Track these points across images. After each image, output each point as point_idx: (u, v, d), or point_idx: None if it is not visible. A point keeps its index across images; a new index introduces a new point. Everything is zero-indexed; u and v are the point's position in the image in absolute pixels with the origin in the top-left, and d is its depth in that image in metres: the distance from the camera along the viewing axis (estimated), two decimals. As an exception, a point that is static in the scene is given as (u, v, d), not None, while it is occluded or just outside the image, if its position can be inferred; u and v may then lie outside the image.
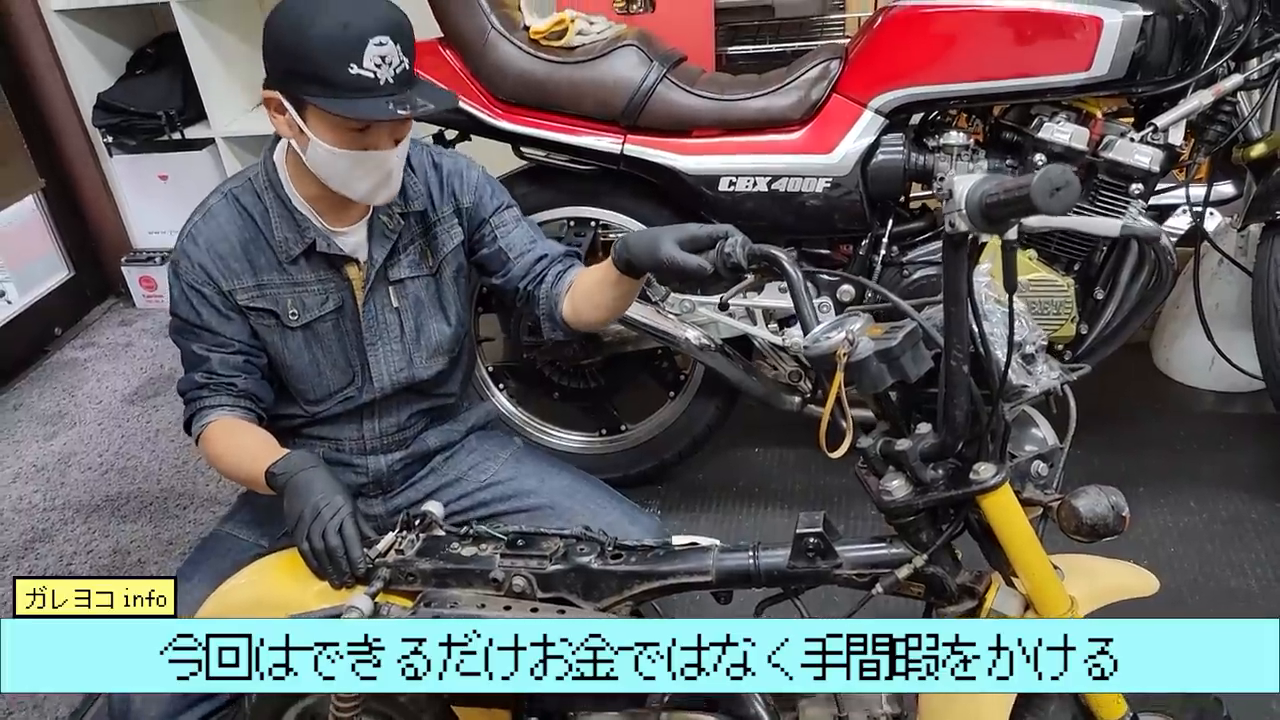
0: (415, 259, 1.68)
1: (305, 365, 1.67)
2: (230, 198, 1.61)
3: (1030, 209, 0.94)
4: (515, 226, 1.73)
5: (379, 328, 1.67)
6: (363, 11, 1.41)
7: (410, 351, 1.70)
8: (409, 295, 1.69)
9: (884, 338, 1.15)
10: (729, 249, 1.36)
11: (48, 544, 2.47)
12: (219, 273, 1.59)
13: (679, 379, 2.36)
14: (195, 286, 1.59)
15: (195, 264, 1.59)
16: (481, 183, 1.72)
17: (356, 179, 1.52)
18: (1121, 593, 1.31)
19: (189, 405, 1.64)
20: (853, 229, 2.11)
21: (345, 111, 1.43)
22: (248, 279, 1.61)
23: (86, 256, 3.64)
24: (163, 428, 2.89)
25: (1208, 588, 1.99)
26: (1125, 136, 1.97)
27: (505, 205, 1.74)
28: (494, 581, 1.37)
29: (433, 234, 1.69)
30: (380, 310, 1.67)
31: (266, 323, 1.63)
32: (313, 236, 1.59)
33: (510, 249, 1.70)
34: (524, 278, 1.70)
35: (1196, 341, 2.33)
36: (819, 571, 1.28)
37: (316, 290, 1.63)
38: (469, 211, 1.70)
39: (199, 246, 1.59)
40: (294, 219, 1.59)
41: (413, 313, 1.70)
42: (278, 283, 1.62)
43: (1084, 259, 2.07)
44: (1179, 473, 2.29)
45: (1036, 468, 1.21)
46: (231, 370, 1.63)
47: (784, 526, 1.32)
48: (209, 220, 1.61)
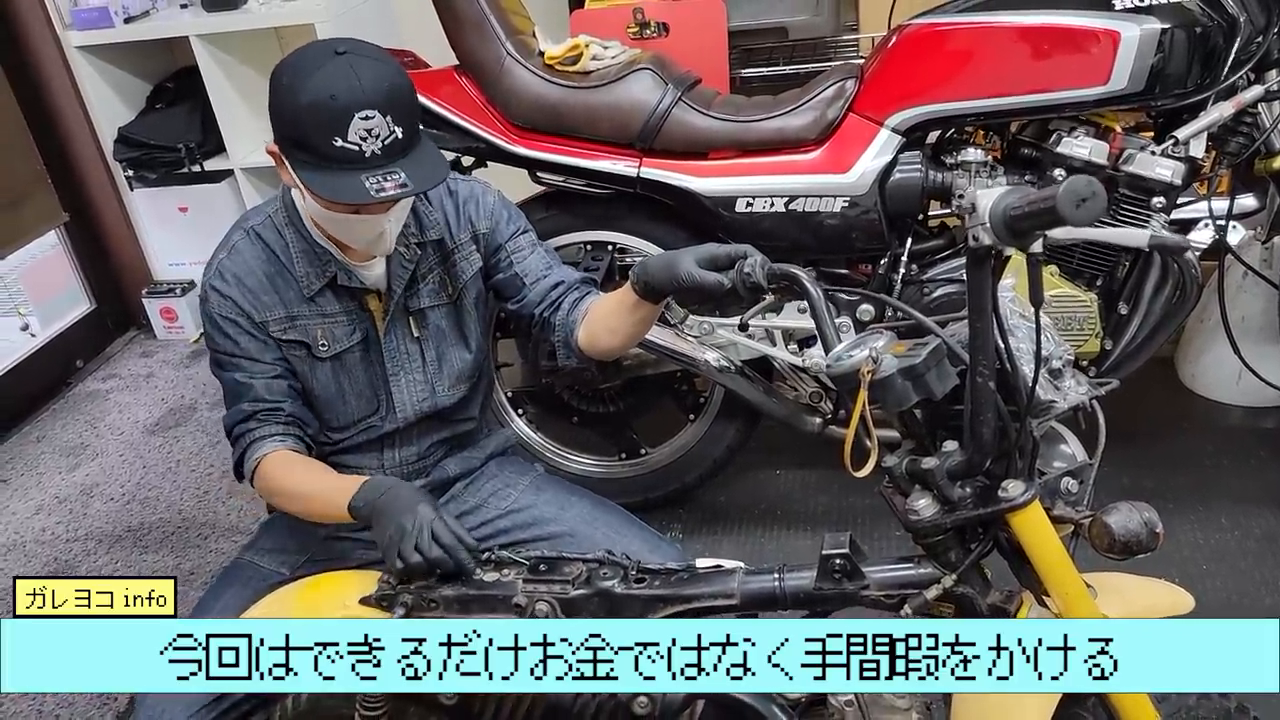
0: (434, 288, 1.68)
1: (332, 395, 1.66)
2: (253, 234, 1.62)
3: (1056, 220, 0.93)
4: (531, 252, 1.72)
5: (401, 358, 1.67)
6: (353, 82, 1.39)
7: (432, 381, 1.70)
8: (429, 325, 1.68)
9: (908, 355, 1.14)
10: (748, 268, 1.35)
11: (71, 575, 2.47)
12: (250, 306, 1.59)
13: (699, 402, 2.35)
14: (229, 318, 1.59)
15: (226, 298, 1.59)
16: (498, 208, 1.72)
17: (350, 236, 1.53)
18: (1157, 611, 1.28)
19: (238, 441, 1.61)
20: (871, 248, 2.10)
21: (322, 191, 1.43)
22: (279, 310, 1.61)
23: (108, 289, 3.67)
24: (184, 458, 2.90)
25: (1242, 605, 1.96)
26: (1146, 150, 1.96)
27: (521, 230, 1.73)
28: (517, 607, 1.35)
29: (451, 262, 1.68)
30: (401, 341, 1.67)
31: (297, 354, 1.63)
32: (334, 270, 1.60)
33: (526, 275, 1.70)
34: (539, 304, 1.69)
35: (1223, 355, 2.31)
36: (846, 593, 1.26)
37: (344, 322, 1.63)
38: (485, 238, 1.70)
39: (227, 282, 1.59)
40: (315, 253, 1.60)
41: (434, 342, 1.69)
42: (307, 314, 1.62)
43: (1107, 274, 2.06)
44: (1208, 489, 2.26)
45: (1066, 484, 1.20)
46: (277, 395, 1.62)
47: (808, 549, 1.31)
48: (234, 256, 1.61)
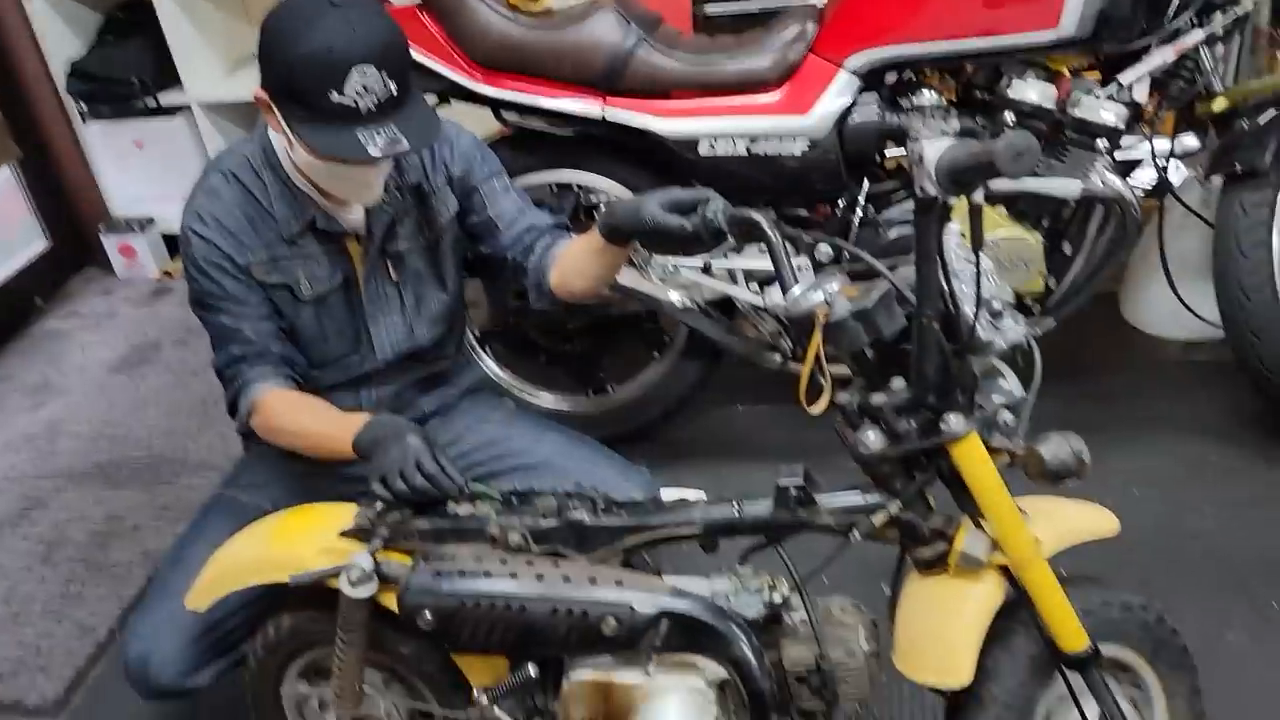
0: (412, 231, 1.70)
1: (314, 335, 1.69)
2: (229, 175, 1.62)
3: (994, 172, 1.00)
4: (504, 195, 1.74)
5: (380, 301, 1.70)
6: (350, 35, 1.39)
7: (411, 323, 1.73)
8: (407, 268, 1.71)
9: (860, 298, 1.21)
10: (710, 213, 1.41)
11: (42, 510, 2.51)
12: (232, 248, 1.60)
13: (663, 340, 2.42)
14: (213, 262, 1.59)
15: (208, 241, 1.59)
16: (471, 150, 1.73)
17: (337, 185, 1.55)
18: (1084, 533, 1.38)
19: (230, 383, 1.63)
20: (830, 189, 2.16)
21: (319, 145, 1.44)
22: (261, 253, 1.61)
23: (65, 226, 3.62)
24: (150, 396, 2.92)
25: (1168, 527, 2.08)
26: (1091, 94, 2.03)
27: (495, 172, 1.75)
28: (490, 538, 1.43)
29: (428, 205, 1.70)
30: (380, 284, 1.69)
31: (281, 295, 1.65)
32: (312, 214, 1.61)
33: (499, 218, 1.72)
34: (512, 248, 1.72)
35: (1161, 292, 2.40)
36: (800, 520, 1.35)
37: (325, 264, 1.65)
38: (460, 180, 1.72)
39: (208, 225, 1.59)
40: (293, 196, 1.61)
41: (412, 285, 1.72)
42: (289, 255, 1.63)
43: (1052, 215, 2.14)
44: (1144, 419, 2.38)
45: (1003, 418, 1.28)
46: (266, 337, 1.63)
47: (766, 480, 1.38)
48: (213, 199, 1.61)
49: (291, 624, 1.54)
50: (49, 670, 2.06)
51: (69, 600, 2.23)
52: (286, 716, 1.65)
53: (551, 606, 1.36)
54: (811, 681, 1.38)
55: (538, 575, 1.38)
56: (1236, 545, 2.02)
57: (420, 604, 1.38)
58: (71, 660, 2.07)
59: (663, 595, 1.36)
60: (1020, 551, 1.26)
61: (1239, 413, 2.35)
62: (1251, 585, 1.94)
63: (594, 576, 1.37)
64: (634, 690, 1.38)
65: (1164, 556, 2.01)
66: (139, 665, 1.63)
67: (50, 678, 2.04)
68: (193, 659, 1.64)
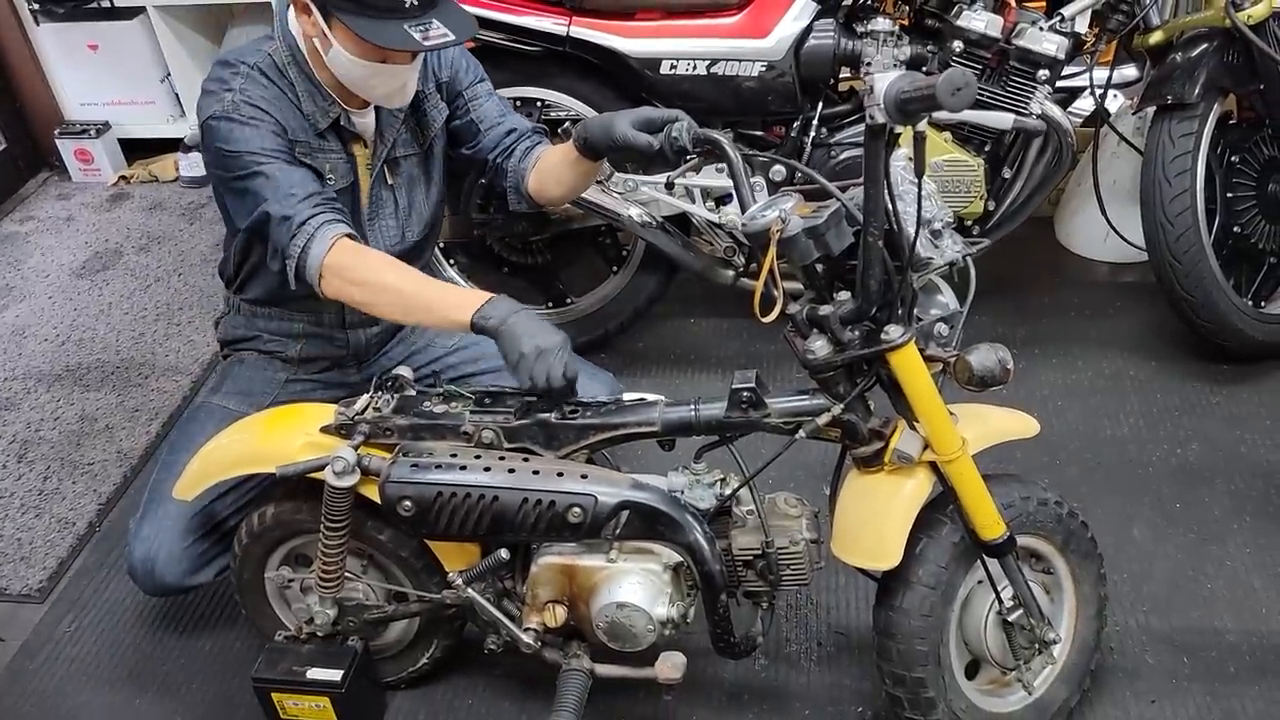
0: (408, 138, 1.76)
1: None
2: (255, 70, 1.60)
3: (935, 105, 1.10)
4: (487, 100, 1.81)
5: (378, 204, 1.76)
6: None
7: (403, 226, 1.80)
8: (402, 173, 1.77)
9: (812, 216, 1.32)
10: (676, 132, 1.50)
11: (14, 412, 2.56)
12: (278, 125, 1.57)
13: (622, 255, 2.50)
14: (257, 117, 1.55)
15: (255, 106, 1.56)
16: (458, 57, 1.79)
17: (373, 86, 1.59)
18: (1006, 434, 1.53)
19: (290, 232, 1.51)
20: (785, 111, 2.24)
21: (370, 36, 1.48)
22: (301, 136, 1.62)
23: (17, 129, 3.58)
24: (115, 301, 2.95)
25: (1087, 434, 2.25)
26: (1035, 25, 2.12)
27: (479, 78, 1.81)
28: (464, 435, 1.54)
29: (422, 111, 1.76)
30: (379, 187, 1.75)
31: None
32: (339, 111, 1.65)
33: (482, 121, 1.79)
34: (494, 150, 1.79)
35: (1094, 216, 2.53)
36: (751, 420, 1.47)
37: (343, 161, 1.69)
38: (447, 86, 1.78)
39: (250, 99, 1.56)
40: (320, 95, 1.64)
41: (405, 189, 1.79)
42: (316, 146, 1.65)
43: (994, 140, 2.25)
44: (1071, 335, 2.53)
45: (939, 329, 1.40)
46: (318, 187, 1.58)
47: (719, 388, 1.48)
48: (251, 84, 1.58)
49: (275, 514, 1.64)
50: (31, 560, 2.14)
51: (47, 496, 2.30)
52: (270, 600, 1.76)
53: (522, 497, 1.47)
54: (757, 566, 1.53)
55: (509, 469, 1.49)
56: (1148, 452, 2.19)
57: (400, 494, 1.49)
58: (53, 551, 2.16)
59: (624, 488, 1.48)
60: (948, 449, 1.39)
61: (1159, 331, 2.51)
62: (1159, 488, 2.11)
63: (561, 471, 1.49)
64: (596, 573, 1.51)
65: (1081, 460, 2.18)
66: (145, 567, 1.73)
67: (33, 567, 2.13)
68: (195, 559, 1.75)
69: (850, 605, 1.92)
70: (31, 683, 1.91)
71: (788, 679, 1.80)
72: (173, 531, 1.73)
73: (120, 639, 1.98)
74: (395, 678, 1.80)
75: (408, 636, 1.76)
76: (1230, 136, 2.31)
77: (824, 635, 1.87)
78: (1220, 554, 1.96)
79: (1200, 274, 2.21)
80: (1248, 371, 2.37)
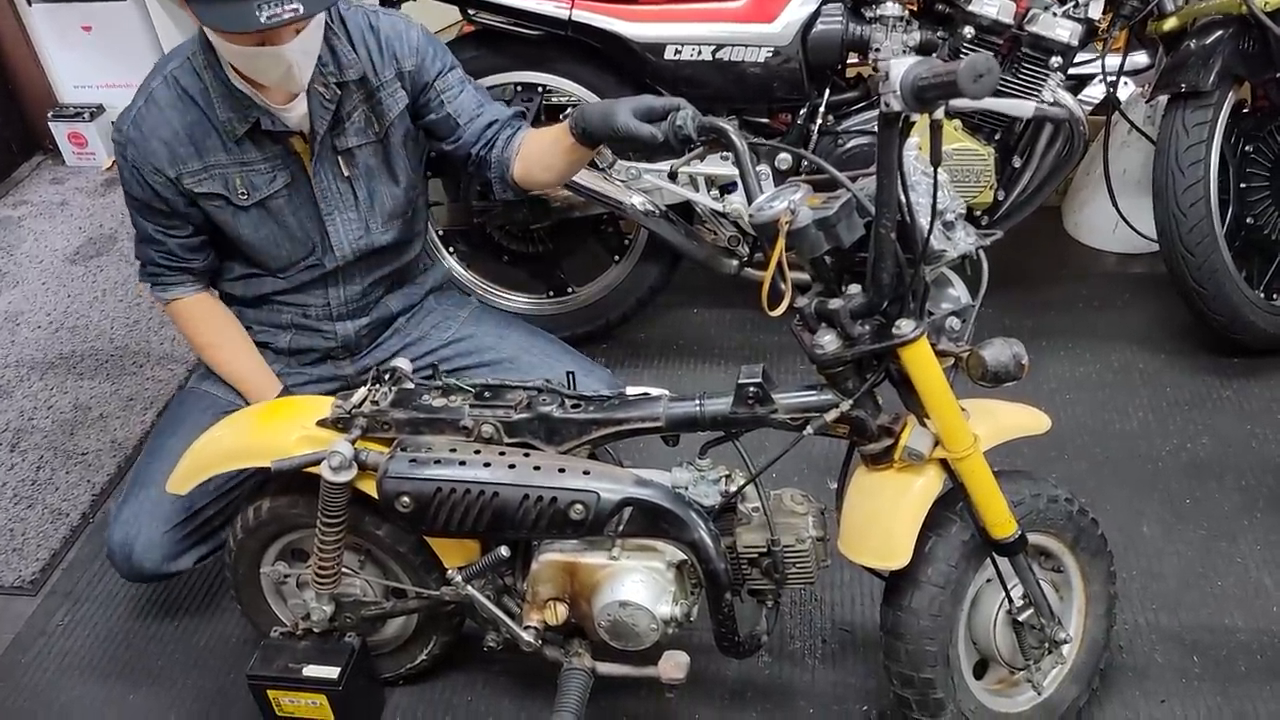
0: (361, 126, 1.69)
1: (262, 240, 1.71)
2: (171, 80, 1.60)
3: (956, 92, 1.06)
4: (461, 91, 1.73)
5: (334, 198, 1.71)
6: None
7: (366, 219, 1.75)
8: (359, 163, 1.71)
9: (822, 207, 1.28)
10: (680, 121, 1.45)
11: (6, 399, 2.53)
12: (165, 160, 1.61)
13: (624, 243, 2.46)
14: (141, 172, 1.63)
15: (141, 151, 1.61)
16: (423, 44, 1.70)
17: (258, 71, 1.52)
18: (1018, 430, 1.49)
19: (146, 273, 1.75)
20: (792, 98, 2.20)
21: (210, 21, 1.43)
22: (194, 163, 1.62)
23: (10, 112, 3.53)
24: (109, 288, 2.91)
25: (1096, 429, 2.22)
26: (1048, 10, 2.07)
27: (449, 67, 1.73)
28: (464, 429, 1.50)
29: (376, 100, 1.69)
30: (332, 180, 1.70)
31: (216, 204, 1.66)
32: (256, 115, 1.60)
33: (459, 115, 1.72)
34: (475, 144, 1.73)
35: (1103, 206, 2.49)
36: (758, 416, 1.43)
37: (264, 169, 1.65)
38: (411, 75, 1.70)
39: (144, 134, 1.60)
40: (235, 98, 1.59)
41: (364, 180, 1.73)
42: (225, 162, 1.63)
43: (1004, 129, 2.20)
44: (1079, 328, 2.50)
45: (951, 323, 1.36)
46: (189, 253, 1.70)
47: (722, 380, 1.46)
48: (151, 107, 1.61)
49: (271, 508, 1.61)
50: (24, 552, 2.11)
51: (40, 486, 2.27)
52: (266, 595, 1.73)
53: (523, 493, 1.44)
54: (762, 564, 1.49)
55: (510, 464, 1.46)
56: (1158, 446, 2.16)
57: (398, 490, 1.46)
58: (46, 543, 2.13)
59: (627, 484, 1.44)
60: (960, 447, 1.36)
61: (1169, 323, 2.48)
62: (1169, 483, 2.08)
63: (563, 466, 1.46)
64: (598, 570, 1.48)
65: (1089, 454, 2.15)
66: (123, 551, 1.70)
67: (26, 559, 2.10)
68: (173, 545, 1.72)
69: (856, 601, 1.89)
70: (24, 677, 1.88)
71: (792, 677, 1.78)
72: (152, 517, 1.70)
73: (114, 632, 1.95)
74: (393, 674, 1.77)
75: (406, 633, 1.73)
76: (1244, 125, 2.27)
77: (829, 632, 1.84)
78: (1231, 551, 1.94)
79: (1213, 266, 2.18)
80: (1259, 365, 2.34)
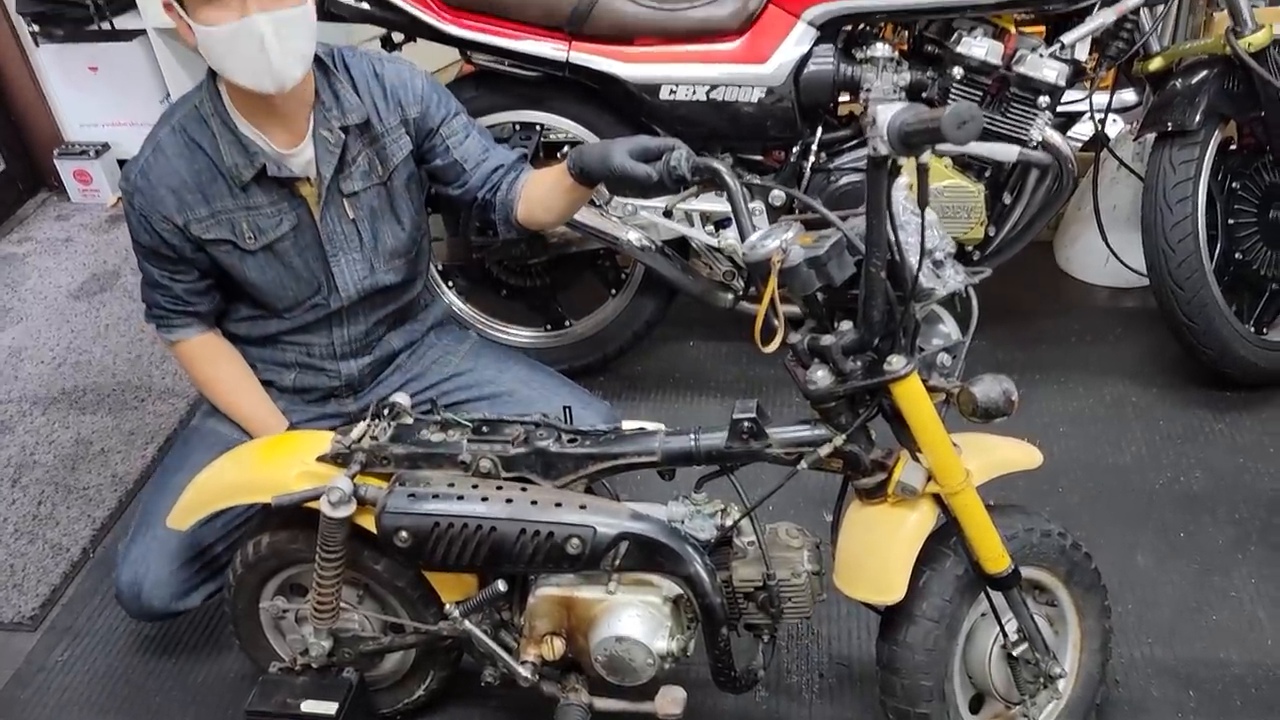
0: (365, 170, 1.72)
1: (268, 283, 1.73)
2: (178, 129, 1.64)
3: (940, 138, 1.09)
4: (467, 136, 1.78)
5: (339, 240, 1.74)
6: None
7: (370, 259, 1.78)
8: (363, 206, 1.74)
9: (813, 246, 1.30)
10: (674, 161, 1.48)
11: (9, 435, 2.54)
12: (173, 208, 1.64)
13: (620, 278, 2.49)
14: (149, 220, 1.65)
15: (149, 199, 1.64)
16: (428, 92, 1.75)
17: (239, 60, 1.50)
18: (1010, 465, 1.51)
19: (152, 315, 1.78)
20: (784, 136, 2.23)
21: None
22: (201, 209, 1.65)
23: (16, 149, 3.58)
24: (112, 323, 2.94)
25: (1089, 462, 2.23)
26: (1035, 51, 2.12)
27: (454, 113, 1.78)
28: (462, 464, 1.52)
29: (380, 144, 1.72)
30: (337, 222, 1.73)
31: (223, 249, 1.69)
32: (262, 161, 1.63)
33: (466, 161, 1.77)
34: (481, 188, 1.77)
35: (1094, 241, 2.53)
36: (752, 451, 1.45)
37: (270, 213, 1.68)
38: (416, 122, 1.74)
39: (151, 183, 1.63)
40: (241, 144, 1.62)
41: (369, 222, 1.76)
42: (232, 208, 1.66)
43: (995, 167, 2.24)
44: (1071, 362, 2.52)
45: (941, 359, 1.39)
46: (195, 296, 1.73)
47: (717, 413, 1.48)
48: (159, 156, 1.64)
49: (270, 543, 1.62)
50: (24, 588, 2.12)
51: (41, 521, 2.28)
52: (264, 630, 1.74)
53: (520, 528, 1.45)
54: (758, 598, 1.50)
55: (507, 499, 1.47)
56: (1150, 480, 2.18)
57: (396, 525, 1.47)
58: (46, 578, 2.13)
59: (623, 518, 1.46)
60: (952, 481, 1.38)
61: (1161, 357, 2.50)
62: (1162, 515, 2.10)
63: (559, 501, 1.47)
64: (595, 605, 1.49)
65: (1083, 488, 2.17)
66: (132, 590, 1.72)
67: (25, 595, 2.10)
68: (182, 583, 1.73)
69: (852, 635, 1.90)
70: (23, 713, 1.88)
71: (789, 711, 1.78)
72: (160, 555, 1.72)
73: (114, 668, 1.95)
74: (391, 710, 1.78)
75: (403, 668, 1.74)
76: (1231, 163, 2.31)
77: (825, 666, 1.85)
78: (1224, 585, 1.95)
79: (1202, 300, 2.21)
80: (1250, 399, 2.36)
